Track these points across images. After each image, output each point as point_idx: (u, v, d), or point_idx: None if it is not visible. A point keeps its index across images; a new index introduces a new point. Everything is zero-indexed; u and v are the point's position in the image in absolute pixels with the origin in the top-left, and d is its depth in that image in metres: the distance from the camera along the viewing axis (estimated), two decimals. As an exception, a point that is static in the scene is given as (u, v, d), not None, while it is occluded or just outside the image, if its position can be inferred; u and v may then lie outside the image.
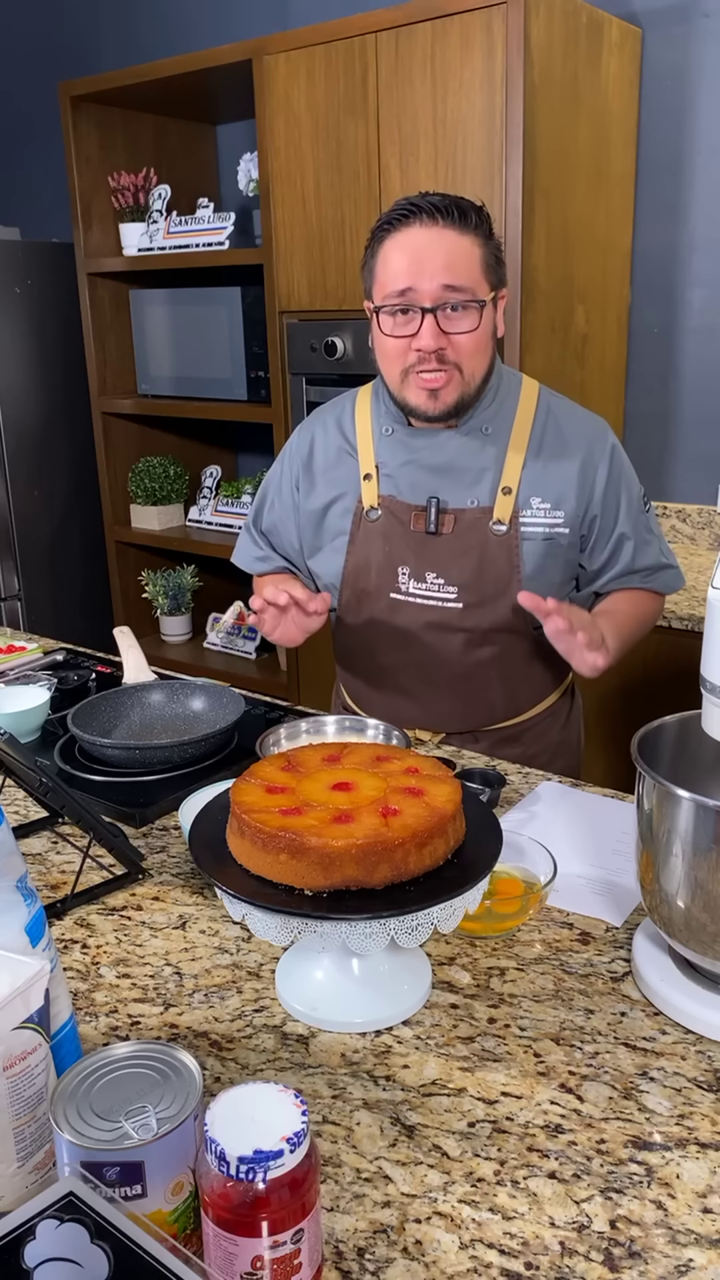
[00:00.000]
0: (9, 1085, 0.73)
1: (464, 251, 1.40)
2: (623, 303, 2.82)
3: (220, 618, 3.56)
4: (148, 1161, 0.67)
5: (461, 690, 1.63)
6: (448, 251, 1.40)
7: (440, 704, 1.64)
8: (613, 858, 1.27)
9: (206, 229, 3.07)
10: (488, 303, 1.44)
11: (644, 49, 2.69)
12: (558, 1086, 0.90)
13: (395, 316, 1.44)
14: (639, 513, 1.61)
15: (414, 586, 1.58)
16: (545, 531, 1.55)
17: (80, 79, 3.15)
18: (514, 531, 1.54)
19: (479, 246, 1.42)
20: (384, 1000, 0.99)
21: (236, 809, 0.94)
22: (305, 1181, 0.65)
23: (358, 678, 1.73)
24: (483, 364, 1.49)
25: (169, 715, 1.60)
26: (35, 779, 1.17)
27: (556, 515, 1.55)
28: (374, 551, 1.61)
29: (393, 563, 1.59)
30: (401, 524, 1.58)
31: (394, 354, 1.47)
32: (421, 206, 1.40)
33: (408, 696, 1.66)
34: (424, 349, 1.42)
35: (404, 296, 1.42)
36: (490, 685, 1.63)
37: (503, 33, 2.28)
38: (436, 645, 1.60)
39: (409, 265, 1.40)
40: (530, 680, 1.67)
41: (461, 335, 1.43)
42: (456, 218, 1.40)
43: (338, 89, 2.58)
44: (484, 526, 1.54)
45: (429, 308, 1.41)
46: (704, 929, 0.94)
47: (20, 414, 3.50)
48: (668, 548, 1.68)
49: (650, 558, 1.63)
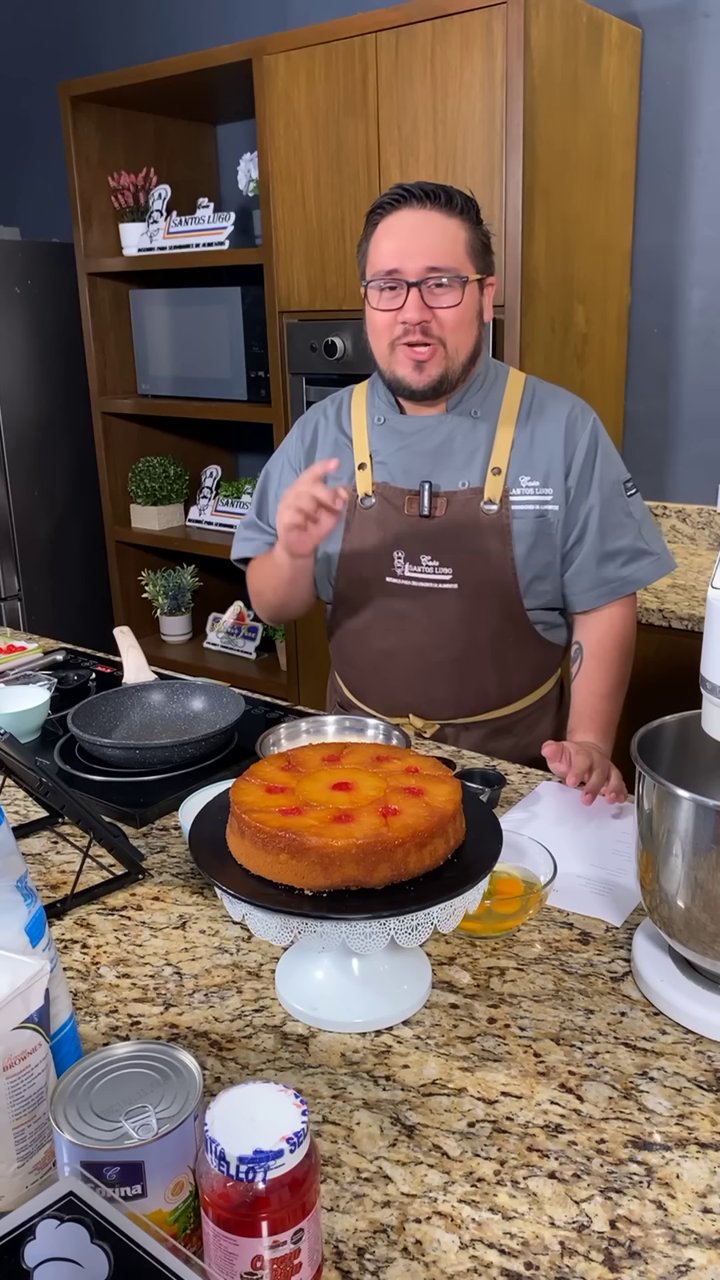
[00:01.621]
0: (9, 1085, 0.73)
1: (450, 233, 1.49)
2: (623, 303, 2.82)
3: (220, 618, 3.56)
4: (148, 1161, 0.67)
5: (456, 674, 1.64)
6: (434, 233, 1.48)
7: (435, 689, 1.66)
8: (613, 858, 1.27)
9: (206, 229, 3.07)
10: (471, 280, 1.51)
11: (644, 49, 2.68)
12: (558, 1086, 0.90)
13: (383, 292, 1.52)
14: (615, 494, 1.62)
15: (409, 569, 1.62)
16: (536, 509, 1.58)
17: (80, 79, 3.15)
18: (505, 510, 1.58)
19: (465, 230, 1.50)
20: (384, 1000, 0.99)
21: (236, 809, 0.94)
22: (305, 1181, 0.65)
23: (354, 666, 1.74)
24: (467, 341, 1.54)
25: (169, 715, 1.60)
26: (35, 779, 1.17)
27: (545, 493, 1.58)
28: (369, 537, 1.64)
29: (388, 547, 1.62)
30: (395, 509, 1.62)
31: (382, 327, 1.54)
32: (412, 191, 1.50)
33: (403, 682, 1.68)
34: (409, 320, 1.50)
35: (392, 275, 1.50)
36: (485, 669, 1.65)
37: (503, 33, 2.28)
38: (432, 628, 1.62)
39: (398, 247, 1.49)
40: (523, 667, 1.68)
41: (445, 310, 1.50)
42: (444, 201, 1.49)
43: (338, 89, 2.58)
44: (475, 507, 1.58)
45: (414, 282, 1.49)
46: (704, 929, 0.94)
47: (20, 414, 3.50)
48: (653, 533, 1.66)
49: (625, 540, 1.62)
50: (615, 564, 1.62)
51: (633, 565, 1.63)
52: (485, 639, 1.62)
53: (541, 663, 1.71)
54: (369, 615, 1.67)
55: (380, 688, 1.71)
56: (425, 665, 1.65)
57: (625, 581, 1.63)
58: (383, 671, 1.69)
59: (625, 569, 1.62)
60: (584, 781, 1.41)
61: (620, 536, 1.61)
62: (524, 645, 1.66)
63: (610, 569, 1.62)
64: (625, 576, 1.63)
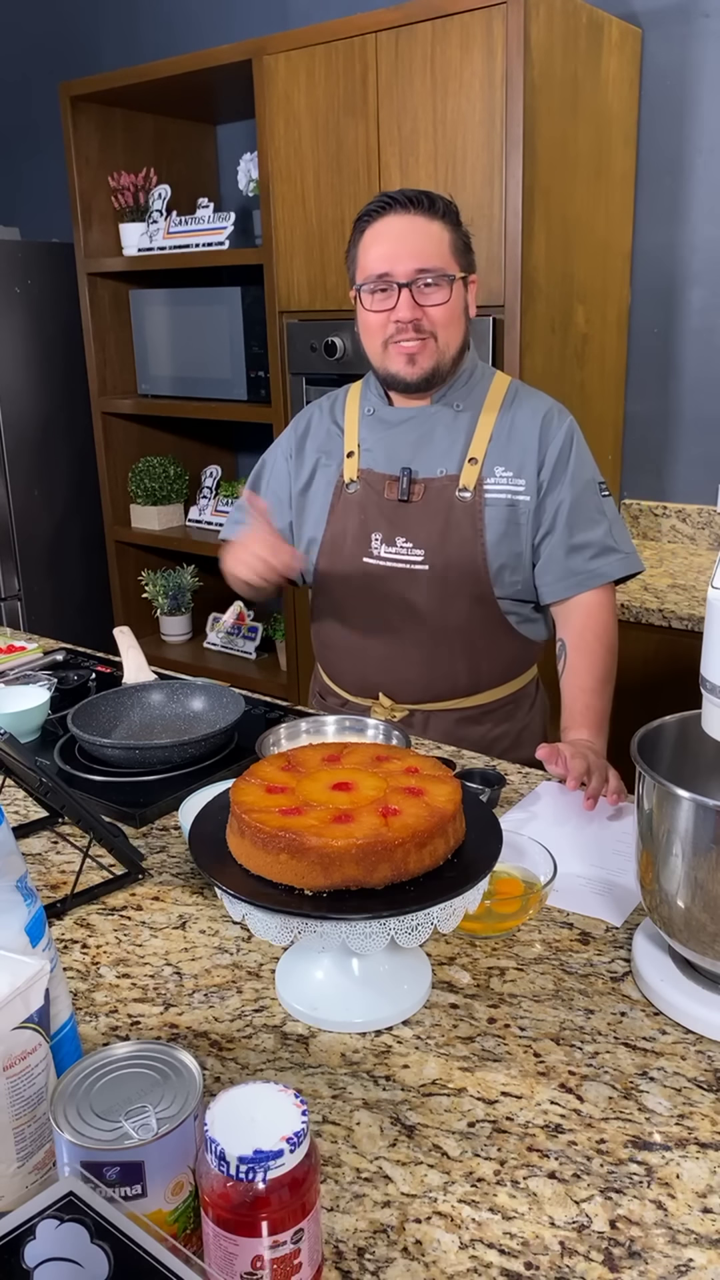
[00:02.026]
0: (9, 1085, 0.73)
1: (434, 236, 1.57)
2: (623, 303, 2.82)
3: (220, 618, 3.56)
4: (148, 1161, 0.67)
5: (426, 657, 1.69)
6: (420, 237, 1.56)
7: (405, 671, 1.70)
8: (613, 858, 1.27)
9: (206, 229, 3.07)
10: (457, 279, 1.59)
11: (644, 49, 2.68)
12: (558, 1086, 0.90)
13: (375, 295, 1.59)
14: (588, 491, 1.66)
15: (385, 550, 1.68)
16: (508, 499, 1.64)
17: (80, 79, 3.15)
18: (478, 498, 1.64)
19: (448, 232, 1.58)
20: (384, 1000, 0.99)
21: (236, 809, 0.94)
22: (305, 1181, 0.65)
23: (330, 647, 1.80)
24: (456, 336, 1.62)
25: (169, 715, 1.60)
26: (35, 779, 1.17)
27: (518, 483, 1.64)
28: (350, 520, 1.71)
29: (367, 530, 1.69)
30: (376, 493, 1.69)
31: (375, 327, 1.61)
32: (396, 199, 1.57)
33: (375, 662, 1.72)
34: (401, 319, 1.57)
35: (382, 279, 1.57)
36: (455, 655, 1.69)
37: (503, 33, 2.28)
38: (404, 608, 1.67)
39: (387, 252, 1.56)
40: (495, 657, 1.72)
41: (435, 307, 1.58)
42: (426, 206, 1.57)
43: (338, 89, 2.58)
44: (450, 493, 1.65)
45: (404, 283, 1.56)
46: (704, 929, 0.94)
47: (20, 414, 3.49)
48: (623, 534, 1.70)
49: (594, 534, 1.65)
50: (583, 556, 1.66)
51: (600, 560, 1.66)
52: (455, 624, 1.67)
53: (515, 656, 1.74)
54: (346, 595, 1.72)
55: (354, 669, 1.75)
56: (397, 646, 1.69)
57: (592, 574, 1.66)
58: (357, 652, 1.74)
59: (592, 562, 1.66)
60: (585, 783, 1.41)
61: (589, 530, 1.65)
62: (495, 635, 1.70)
63: (578, 561, 1.65)
64: (592, 569, 1.66)
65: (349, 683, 1.77)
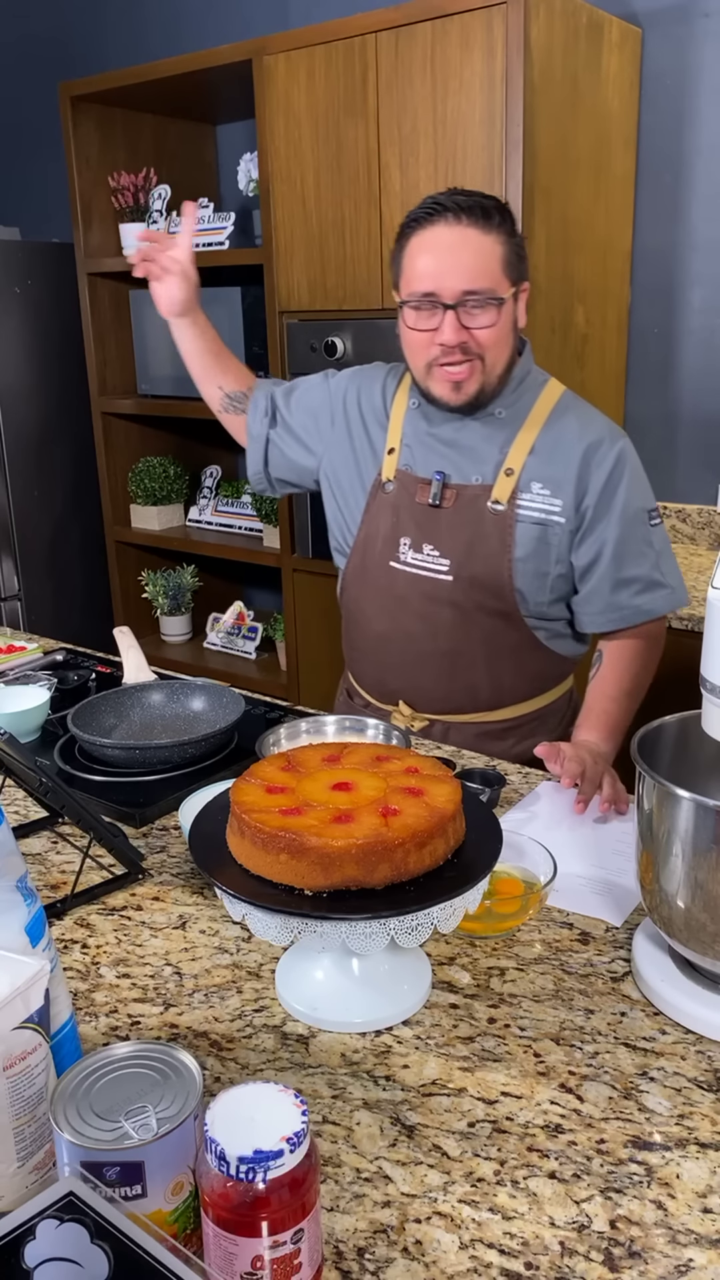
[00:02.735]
0: (9, 1085, 0.73)
1: (486, 251, 1.46)
2: (623, 303, 2.82)
3: (220, 618, 3.56)
4: (148, 1161, 0.67)
5: (446, 667, 1.65)
6: (470, 253, 1.46)
7: (424, 679, 1.67)
8: (613, 858, 1.27)
9: (206, 229, 3.07)
10: (507, 299, 1.50)
11: (644, 49, 2.68)
12: (558, 1086, 0.90)
13: (419, 311, 1.50)
14: (637, 522, 1.59)
15: (412, 556, 1.63)
16: (541, 516, 1.57)
17: (80, 79, 3.15)
18: (510, 511, 1.57)
19: (501, 244, 1.48)
20: (384, 1000, 0.99)
21: (236, 809, 0.94)
22: (305, 1181, 0.65)
23: (355, 647, 1.77)
24: (503, 355, 1.54)
25: (169, 715, 1.60)
26: (35, 779, 1.17)
27: (554, 503, 1.57)
28: (383, 521, 1.66)
29: (397, 533, 1.64)
30: (409, 495, 1.63)
31: (418, 346, 1.54)
32: (447, 205, 1.46)
33: (395, 668, 1.69)
34: (446, 343, 1.49)
35: (428, 297, 1.49)
36: (475, 667, 1.65)
37: (503, 33, 2.28)
38: (427, 617, 1.63)
39: (434, 268, 1.47)
40: (519, 673, 1.67)
41: (482, 330, 1.49)
42: (480, 216, 1.46)
43: (338, 89, 2.58)
44: (482, 504, 1.59)
45: (450, 304, 1.47)
46: (704, 929, 0.94)
47: (20, 414, 3.49)
48: (670, 566, 1.64)
49: (642, 569, 1.60)
50: (629, 591, 1.60)
51: (646, 595, 1.61)
52: (477, 636, 1.62)
53: (542, 671, 1.69)
54: (371, 597, 1.69)
55: (374, 672, 1.73)
56: (417, 654, 1.66)
57: (636, 611, 1.61)
58: (377, 655, 1.71)
59: (638, 598, 1.61)
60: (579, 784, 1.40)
61: (637, 565, 1.59)
62: (520, 650, 1.65)
63: (623, 596, 1.60)
64: (638, 605, 1.61)
65: (370, 686, 1.75)
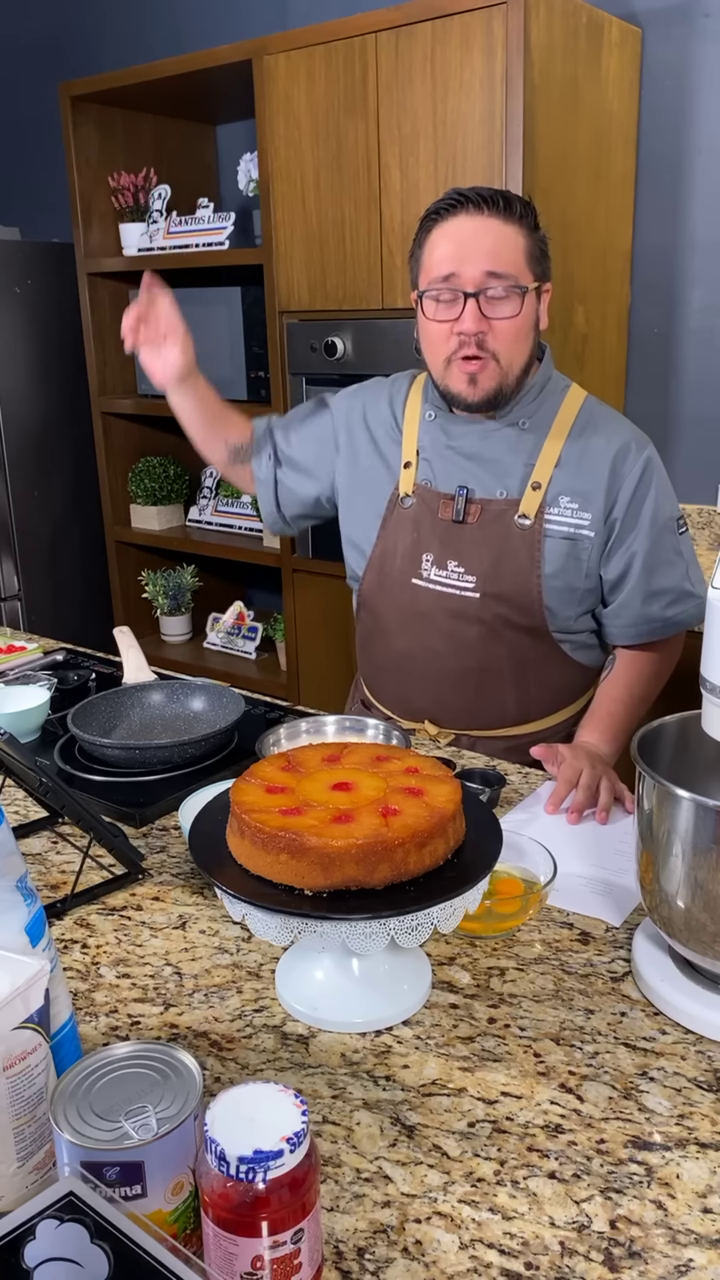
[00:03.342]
0: (9, 1085, 0.73)
1: (508, 240, 1.45)
2: (623, 303, 2.82)
3: (220, 618, 3.56)
4: (148, 1161, 0.67)
5: (473, 684, 1.62)
6: (493, 239, 1.44)
7: (451, 697, 1.64)
8: (613, 858, 1.27)
9: (206, 229, 3.07)
10: (530, 290, 1.47)
11: (644, 49, 2.68)
12: (558, 1086, 0.90)
13: (439, 302, 1.48)
14: (666, 532, 1.57)
15: (435, 573, 1.60)
16: (569, 531, 1.55)
17: (80, 79, 3.15)
18: (538, 527, 1.54)
19: (524, 237, 1.46)
20: (384, 1000, 0.99)
21: (236, 809, 0.94)
22: (305, 1181, 0.65)
23: (374, 664, 1.73)
24: (522, 353, 1.51)
25: (169, 715, 1.60)
26: (35, 779, 1.17)
27: (583, 516, 1.54)
28: (402, 537, 1.63)
29: (418, 549, 1.61)
30: (431, 511, 1.60)
31: (438, 339, 1.50)
32: (469, 196, 1.45)
33: (419, 686, 1.65)
34: (465, 332, 1.46)
35: (448, 282, 1.46)
36: (503, 683, 1.62)
37: (503, 33, 2.28)
38: (452, 634, 1.60)
39: (454, 251, 1.45)
40: (545, 686, 1.65)
41: (503, 321, 1.46)
42: (502, 207, 1.44)
43: (338, 89, 2.58)
44: (509, 519, 1.55)
45: (471, 292, 1.45)
46: (704, 929, 0.94)
47: (20, 414, 3.49)
48: (699, 576, 1.62)
49: (672, 580, 1.58)
50: (659, 604, 1.59)
51: (676, 607, 1.60)
52: (504, 653, 1.59)
53: (568, 683, 1.67)
54: (392, 614, 1.66)
55: (397, 689, 1.69)
56: (442, 671, 1.62)
57: (668, 623, 1.60)
58: (400, 673, 1.67)
59: (669, 610, 1.60)
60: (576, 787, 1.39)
61: (667, 576, 1.58)
62: (548, 664, 1.63)
63: (654, 608, 1.59)
64: (669, 618, 1.60)
65: (391, 702, 1.71)
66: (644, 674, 1.62)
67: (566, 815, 1.36)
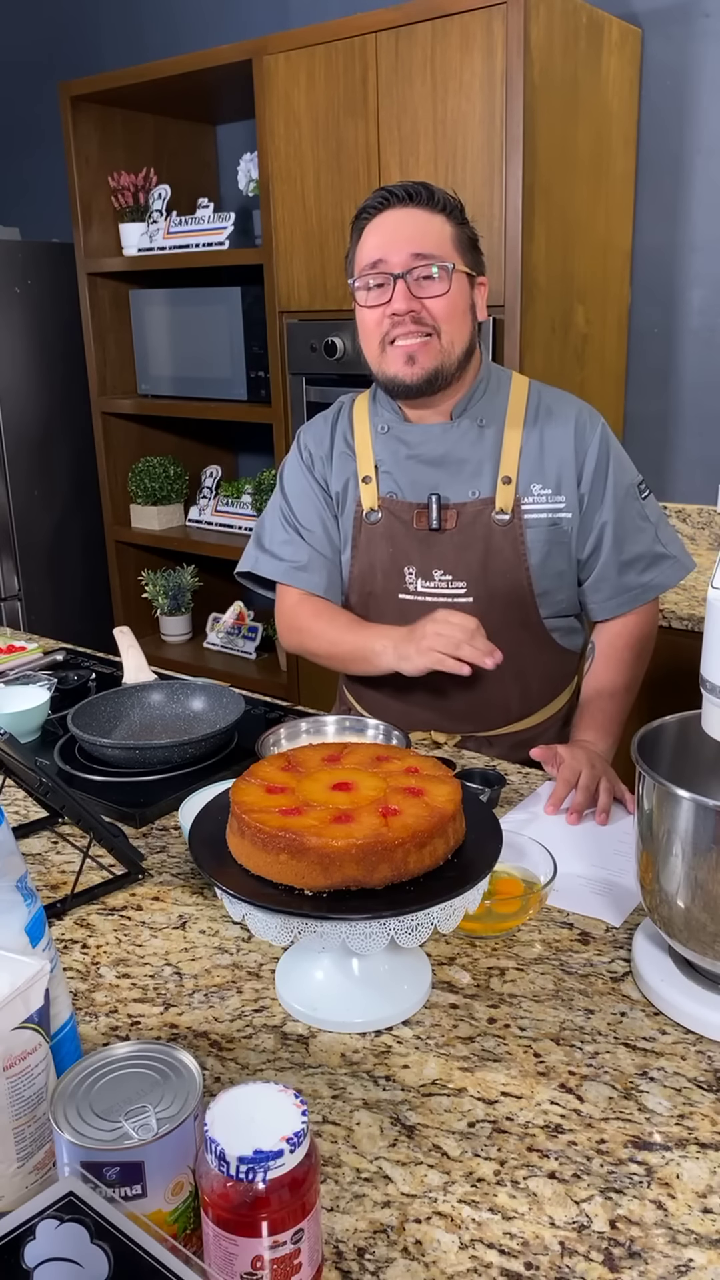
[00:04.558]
0: (9, 1085, 0.73)
1: (434, 226, 1.47)
2: (623, 303, 2.82)
3: (220, 618, 3.56)
4: (148, 1161, 0.67)
5: (476, 689, 1.61)
6: (417, 225, 1.47)
7: (455, 705, 1.63)
8: (613, 858, 1.27)
9: (206, 229, 3.07)
10: (457, 269, 1.48)
11: (644, 49, 2.68)
12: (558, 1086, 0.90)
13: (369, 289, 1.49)
14: (630, 499, 1.59)
15: (422, 585, 1.59)
16: (549, 518, 1.56)
17: (80, 79, 3.15)
18: (517, 520, 1.55)
19: (450, 225, 1.49)
20: (384, 1000, 0.99)
21: (236, 809, 0.94)
22: (305, 1181, 0.65)
23: (368, 685, 1.70)
24: (461, 334, 1.51)
25: (169, 715, 1.60)
26: (35, 779, 1.17)
27: (558, 500, 1.56)
28: (378, 554, 1.61)
29: (398, 564, 1.60)
30: (404, 524, 1.59)
31: (372, 325, 1.51)
32: (395, 193, 1.48)
33: (422, 700, 1.64)
34: (398, 312, 1.47)
35: (376, 267, 1.48)
36: (505, 683, 1.62)
37: (503, 33, 2.28)
38: None
39: (382, 241, 1.48)
40: (541, 675, 1.66)
41: (434, 299, 1.47)
42: (425, 199, 1.48)
43: (338, 89, 2.58)
44: (487, 518, 1.55)
45: (399, 274, 1.46)
46: (704, 929, 0.94)
47: (20, 414, 3.49)
48: (670, 534, 1.63)
49: (643, 545, 1.59)
50: (635, 571, 1.59)
51: (652, 571, 1.60)
52: (504, 651, 1.57)
53: (559, 670, 1.69)
54: None
55: (398, 706, 1.67)
56: (443, 681, 1.60)
57: (646, 588, 1.61)
58: (400, 690, 1.65)
59: (645, 575, 1.60)
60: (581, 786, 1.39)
61: (637, 542, 1.59)
62: (541, 654, 1.64)
63: (630, 576, 1.60)
64: (646, 583, 1.60)
65: (394, 719, 1.66)
66: (624, 658, 1.63)
67: (566, 816, 1.36)
